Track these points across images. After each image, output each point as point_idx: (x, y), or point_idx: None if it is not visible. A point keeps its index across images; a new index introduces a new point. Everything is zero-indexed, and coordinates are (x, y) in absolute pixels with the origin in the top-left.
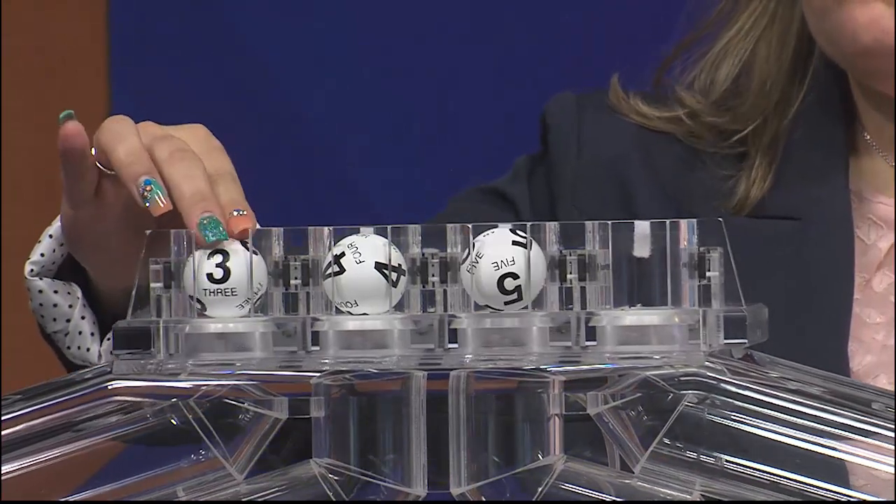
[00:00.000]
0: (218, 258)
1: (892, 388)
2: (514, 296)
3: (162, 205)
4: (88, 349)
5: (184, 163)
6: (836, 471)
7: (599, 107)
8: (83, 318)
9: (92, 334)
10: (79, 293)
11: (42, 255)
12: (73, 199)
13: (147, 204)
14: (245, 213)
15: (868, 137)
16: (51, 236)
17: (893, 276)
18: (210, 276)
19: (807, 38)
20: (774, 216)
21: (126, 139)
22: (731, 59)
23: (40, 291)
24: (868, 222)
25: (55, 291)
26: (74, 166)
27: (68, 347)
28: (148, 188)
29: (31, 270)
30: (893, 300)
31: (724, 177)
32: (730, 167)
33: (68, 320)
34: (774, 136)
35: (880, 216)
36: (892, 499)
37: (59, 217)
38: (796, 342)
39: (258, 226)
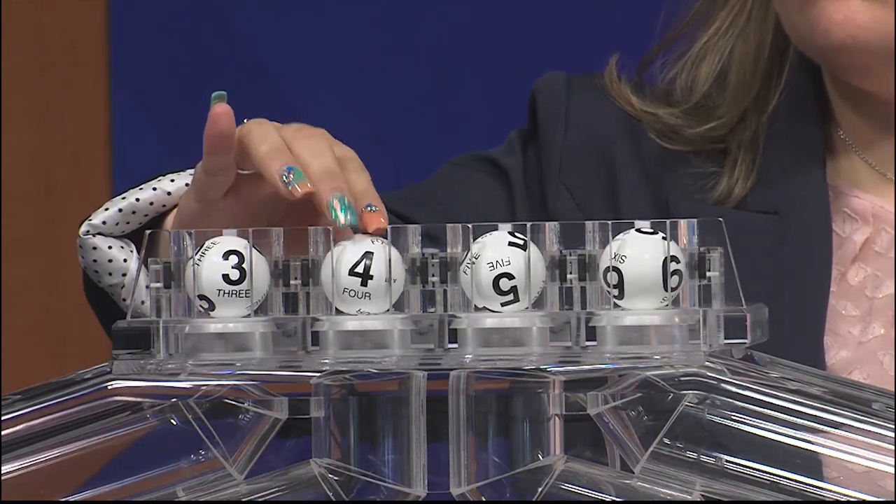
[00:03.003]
0: (234, 259)
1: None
2: (511, 296)
3: (301, 189)
4: (143, 302)
5: (311, 140)
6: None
7: (589, 88)
8: (139, 272)
9: (147, 287)
10: (132, 247)
11: (104, 222)
12: (203, 195)
13: (289, 187)
14: (377, 208)
15: (842, 134)
16: (120, 210)
17: (874, 270)
18: (226, 277)
19: (782, 35)
20: (753, 210)
21: (268, 137)
22: (711, 57)
23: (94, 248)
24: (843, 215)
25: (109, 247)
26: (216, 155)
27: (124, 299)
28: (290, 173)
29: (87, 231)
30: (868, 294)
31: (706, 171)
32: (713, 162)
33: (124, 274)
34: (755, 133)
35: (855, 209)
36: (892, 499)
37: (135, 190)
38: (773, 335)
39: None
